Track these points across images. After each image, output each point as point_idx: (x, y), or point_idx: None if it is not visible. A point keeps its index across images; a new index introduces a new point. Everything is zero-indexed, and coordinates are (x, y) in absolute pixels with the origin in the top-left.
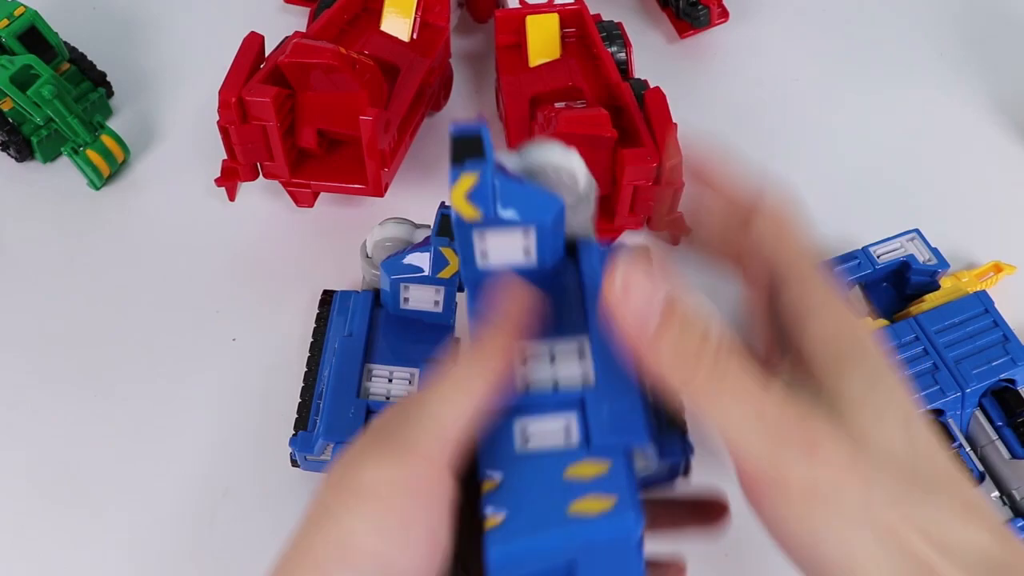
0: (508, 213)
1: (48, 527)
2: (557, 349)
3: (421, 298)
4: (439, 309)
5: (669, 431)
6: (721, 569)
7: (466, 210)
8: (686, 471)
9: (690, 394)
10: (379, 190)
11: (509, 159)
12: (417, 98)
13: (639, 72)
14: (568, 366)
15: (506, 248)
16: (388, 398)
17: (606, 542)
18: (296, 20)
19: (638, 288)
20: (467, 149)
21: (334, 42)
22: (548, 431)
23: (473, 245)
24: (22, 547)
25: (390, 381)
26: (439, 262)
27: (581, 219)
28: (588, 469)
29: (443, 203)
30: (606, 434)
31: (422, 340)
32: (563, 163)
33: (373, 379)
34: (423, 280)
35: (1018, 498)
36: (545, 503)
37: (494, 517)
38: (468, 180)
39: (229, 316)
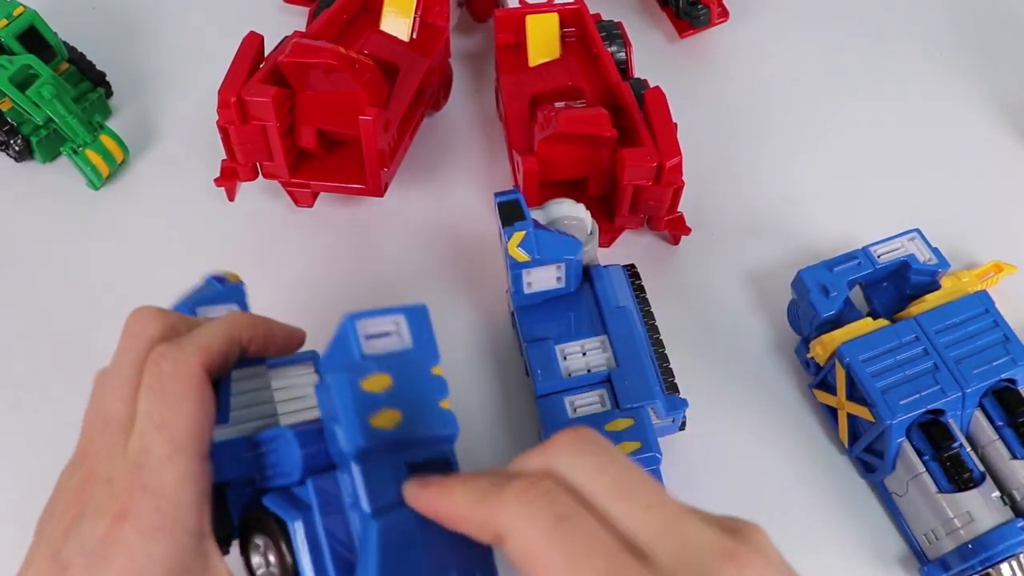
0: (547, 255)
1: None
2: (586, 346)
3: (543, 279)
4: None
5: (670, 395)
6: None
7: (519, 256)
8: (683, 426)
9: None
10: (379, 190)
11: (537, 214)
12: (417, 98)
13: (639, 72)
14: (596, 356)
15: (544, 278)
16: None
17: None
18: (296, 20)
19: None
20: (512, 213)
21: (334, 42)
22: (589, 402)
23: (522, 279)
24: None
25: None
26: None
27: (590, 250)
28: (620, 424)
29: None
30: (629, 399)
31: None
32: (574, 213)
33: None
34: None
35: (1018, 498)
36: None
37: None
38: (518, 236)
39: None
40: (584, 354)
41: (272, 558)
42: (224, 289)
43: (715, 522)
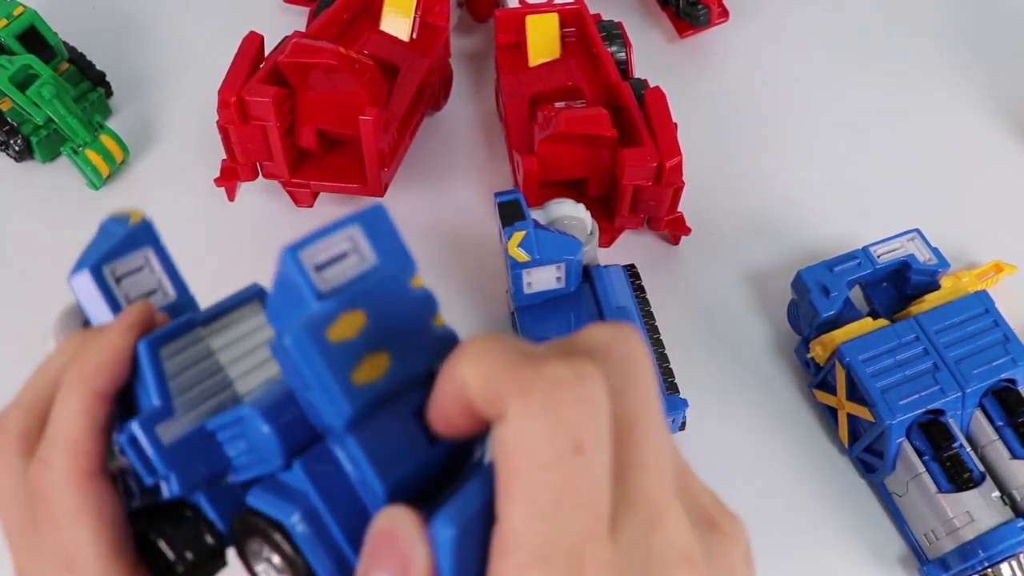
0: (547, 255)
1: None
2: None
3: (543, 279)
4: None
5: (670, 395)
6: None
7: (519, 256)
8: (683, 426)
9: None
10: (379, 190)
11: (537, 215)
12: (417, 98)
13: (639, 72)
14: None
15: (545, 278)
16: None
17: None
18: (296, 20)
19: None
20: (512, 213)
21: (334, 42)
22: None
23: (522, 279)
24: None
25: None
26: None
27: (590, 250)
28: None
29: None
30: None
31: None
32: (574, 213)
33: None
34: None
35: (1018, 498)
36: None
37: None
38: (518, 236)
39: None
40: None
41: (276, 561)
42: (127, 233)
43: (696, 514)
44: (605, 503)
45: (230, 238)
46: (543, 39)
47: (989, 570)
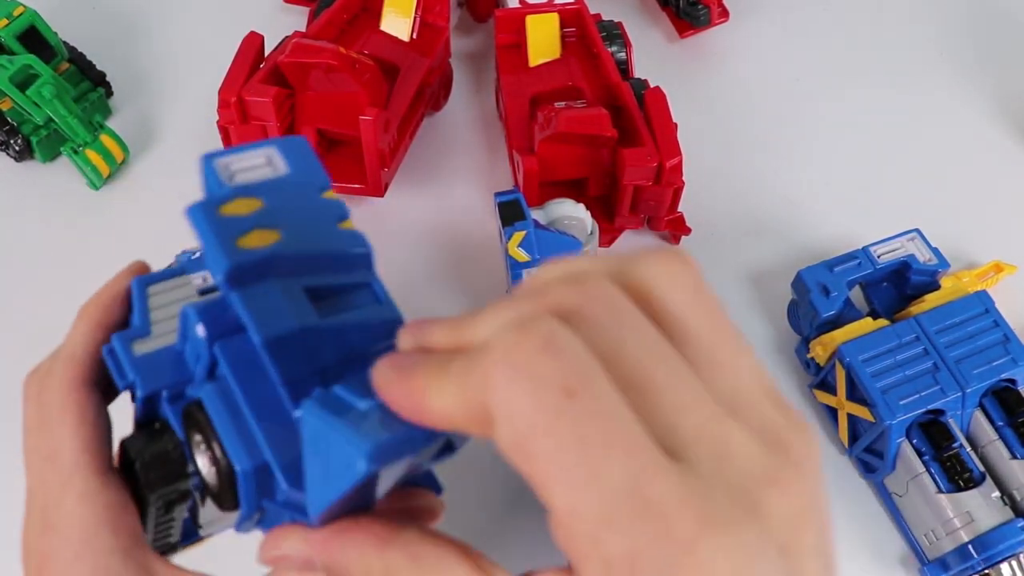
0: (547, 255)
1: None
2: None
3: None
4: None
5: None
6: None
7: (519, 256)
8: None
9: None
10: (379, 190)
11: (537, 215)
12: (417, 98)
13: (639, 72)
14: None
15: None
16: None
17: None
18: (296, 20)
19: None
20: (512, 213)
21: (334, 42)
22: None
23: (523, 279)
24: None
25: None
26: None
27: (590, 250)
28: None
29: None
30: None
31: None
32: (574, 213)
33: None
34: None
35: (1018, 498)
36: None
37: None
38: (518, 236)
39: None
40: None
41: (199, 439)
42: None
43: (758, 429)
44: (639, 435)
45: None
46: (543, 39)
47: (989, 570)
